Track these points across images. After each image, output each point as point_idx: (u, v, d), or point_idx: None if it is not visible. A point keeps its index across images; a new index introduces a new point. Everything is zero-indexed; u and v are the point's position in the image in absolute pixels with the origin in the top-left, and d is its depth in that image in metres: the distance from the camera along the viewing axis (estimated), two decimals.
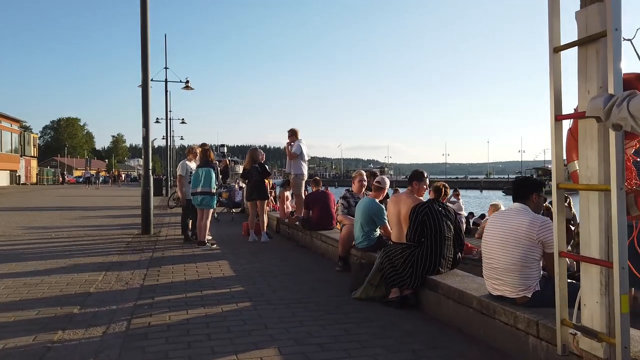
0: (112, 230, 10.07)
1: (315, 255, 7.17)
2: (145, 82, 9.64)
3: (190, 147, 8.65)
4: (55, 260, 6.41)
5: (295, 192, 9.02)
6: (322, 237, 7.24)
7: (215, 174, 7.89)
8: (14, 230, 9.87)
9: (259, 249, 7.72)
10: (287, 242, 8.67)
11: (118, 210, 15.66)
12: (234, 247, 7.95)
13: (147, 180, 9.63)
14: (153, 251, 7.39)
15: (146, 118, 9.64)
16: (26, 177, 47.23)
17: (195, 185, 7.85)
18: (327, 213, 7.70)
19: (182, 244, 8.20)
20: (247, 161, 8.61)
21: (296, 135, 9.06)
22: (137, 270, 5.85)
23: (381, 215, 5.48)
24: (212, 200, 7.85)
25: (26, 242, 8.25)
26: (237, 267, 6.11)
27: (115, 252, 7.27)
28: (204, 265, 6.27)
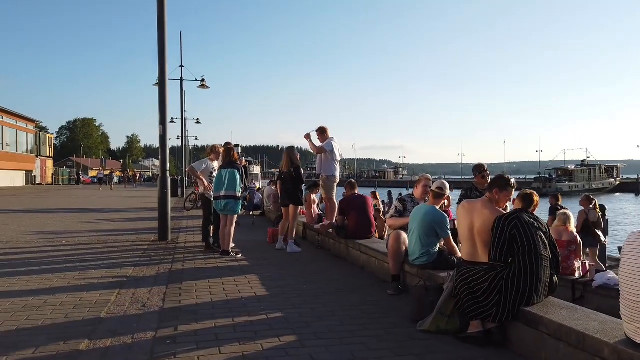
0: (127, 236, 9.35)
1: (353, 268, 6.34)
2: (163, 77, 8.90)
3: (212, 146, 7.86)
4: (63, 274, 5.66)
5: (326, 195, 8.19)
6: (361, 247, 6.40)
7: (240, 175, 7.09)
8: (22, 235, 9.21)
9: (288, 260, 6.91)
10: (317, 252, 7.85)
11: (133, 213, 15.00)
12: (260, 256, 7.15)
13: (164, 182, 8.89)
14: (172, 262, 6.62)
15: (163, 115, 8.89)
16: (42, 178, 47.16)
17: (218, 188, 7.06)
18: (365, 219, 6.86)
19: (203, 252, 7.42)
20: (284, 162, 7.79)
21: (326, 133, 8.24)
22: (155, 288, 5.07)
23: (445, 226, 4.62)
24: (236, 205, 7.06)
25: (34, 250, 7.55)
26: (269, 284, 5.30)
27: (131, 262, 6.52)
28: (231, 280, 5.47)
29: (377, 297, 4.79)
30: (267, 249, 7.90)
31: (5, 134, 37.37)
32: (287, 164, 7.75)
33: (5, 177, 36.86)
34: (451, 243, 4.66)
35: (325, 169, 8.11)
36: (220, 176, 7.07)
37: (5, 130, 37.55)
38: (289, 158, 7.77)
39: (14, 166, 38.86)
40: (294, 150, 7.96)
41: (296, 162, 7.79)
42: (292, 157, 7.78)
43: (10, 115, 38.64)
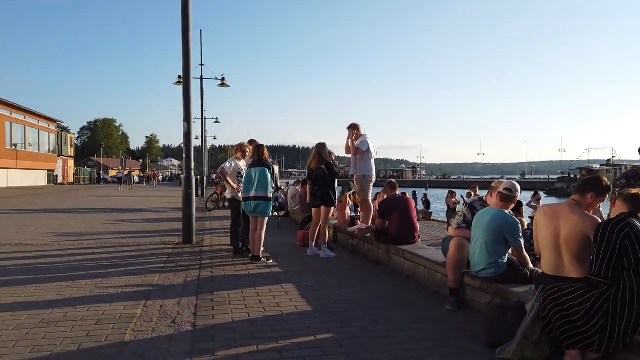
0: (150, 238, 8.93)
1: (397, 277, 5.76)
2: (187, 73, 8.44)
3: (238, 144, 7.35)
4: (84, 282, 5.22)
5: (362, 196, 7.62)
6: (405, 253, 5.82)
7: (271, 174, 6.58)
8: (43, 237, 8.86)
9: (323, 267, 6.37)
10: (352, 257, 7.29)
11: (154, 213, 14.66)
12: (292, 262, 6.63)
13: (189, 182, 8.43)
14: (200, 268, 6.14)
15: (188, 112, 8.44)
16: (63, 177, 47.58)
17: (247, 189, 6.55)
18: (409, 223, 6.28)
19: (231, 257, 6.93)
20: (312, 159, 7.24)
21: (359, 130, 7.68)
22: (184, 299, 4.58)
23: (517, 233, 4.01)
24: (267, 207, 6.54)
25: (54, 253, 7.16)
26: (309, 295, 4.76)
27: (156, 268, 6.06)
28: (266, 291, 4.94)
29: (435, 314, 4.21)
30: (298, 254, 7.37)
31: (27, 134, 37.70)
32: (316, 161, 7.21)
33: (28, 176, 37.18)
34: (523, 253, 4.05)
35: (361, 168, 7.55)
36: (250, 176, 6.56)
37: (28, 130, 37.88)
38: (318, 155, 7.23)
39: (36, 166, 39.20)
40: (325, 146, 7.40)
41: (326, 159, 7.25)
42: (321, 154, 7.24)
43: (33, 115, 38.99)
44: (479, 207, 4.90)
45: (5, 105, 33.89)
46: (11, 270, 5.79)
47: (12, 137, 34.78)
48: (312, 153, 7.35)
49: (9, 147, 34.09)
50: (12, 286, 4.95)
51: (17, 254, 6.96)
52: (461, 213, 4.93)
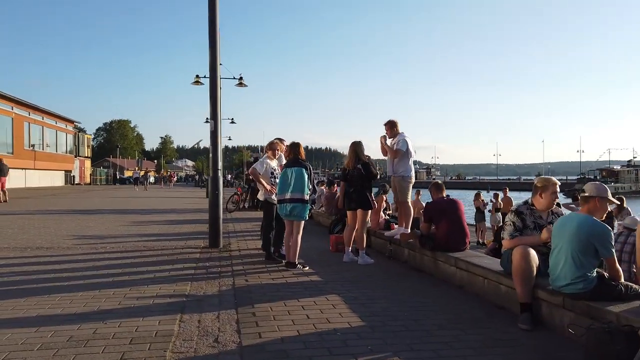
0: (174, 241, 8.53)
1: (448, 288, 5.26)
2: (214, 67, 8.03)
3: (270, 142, 6.89)
4: (112, 291, 4.81)
5: (400, 198, 7.13)
6: (458, 262, 5.31)
7: (308, 174, 6.12)
8: (63, 239, 8.52)
9: (364, 275, 5.89)
10: (391, 264, 6.80)
11: (174, 215, 14.32)
12: (329, 269, 6.16)
13: (216, 182, 8.01)
14: (233, 275, 5.70)
15: (215, 109, 8.03)
16: (80, 178, 47.82)
17: (282, 190, 6.11)
18: (459, 228, 5.78)
19: (264, 263, 6.49)
20: (349, 159, 6.75)
21: (396, 128, 7.18)
22: (223, 313, 4.13)
23: (610, 242, 3.48)
24: (304, 210, 6.08)
25: (77, 258, 6.78)
26: (360, 309, 4.28)
27: (186, 275, 5.63)
28: (311, 303, 4.48)
29: (509, 334, 3.71)
30: (333, 260, 6.90)
31: (45, 135, 37.88)
32: (352, 160, 6.72)
33: (46, 177, 37.33)
34: (616, 265, 3.53)
35: (399, 168, 7.06)
36: (285, 176, 6.11)
37: (46, 131, 38.06)
38: (354, 153, 6.74)
39: (54, 166, 39.39)
40: (361, 144, 6.90)
41: (363, 158, 6.76)
42: (358, 153, 6.75)
43: (51, 116, 39.19)
44: (526, 211, 4.41)
45: (23, 105, 34.05)
46: (33, 278, 5.42)
47: (31, 137, 34.94)
48: (348, 152, 6.87)
49: (27, 148, 34.24)
50: (35, 295, 4.56)
51: (39, 259, 6.61)
52: (510, 222, 4.41)
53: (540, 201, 4.37)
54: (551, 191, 4.31)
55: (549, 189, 4.32)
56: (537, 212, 4.36)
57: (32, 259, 6.57)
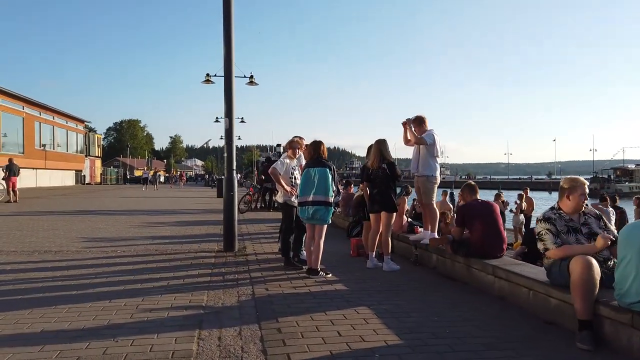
0: (187, 244, 8.19)
1: (487, 299, 4.82)
2: (229, 60, 7.66)
3: (290, 140, 6.50)
4: (123, 301, 4.45)
5: (425, 200, 6.70)
6: (497, 270, 4.88)
7: (332, 175, 5.72)
8: (72, 242, 8.21)
9: (393, 283, 5.49)
10: (417, 270, 6.38)
11: (186, 215, 13.99)
12: (353, 277, 5.76)
13: (230, 183, 7.64)
14: (251, 283, 5.32)
15: (229, 106, 7.66)
16: (91, 177, 47.90)
17: (304, 192, 5.72)
18: (495, 233, 5.34)
19: (283, 269, 6.10)
20: (373, 158, 6.34)
21: (425, 124, 6.76)
22: (245, 328, 3.75)
23: None
24: (327, 213, 5.69)
25: (86, 262, 6.45)
26: (394, 324, 3.88)
27: (202, 283, 5.27)
28: (339, 317, 4.08)
29: (567, 354, 3.29)
30: (355, 265, 6.51)
31: (56, 134, 37.89)
32: (377, 159, 6.31)
33: (56, 176, 37.35)
34: None
35: (424, 167, 6.62)
36: (308, 177, 5.72)
37: (57, 131, 38.08)
38: (379, 152, 6.32)
39: (65, 166, 39.41)
40: (386, 142, 6.48)
41: (388, 157, 6.36)
42: (383, 151, 6.34)
43: (61, 115, 39.20)
44: (556, 216, 4.02)
45: (34, 105, 34.05)
46: (40, 286, 5.08)
47: (41, 137, 34.94)
48: (372, 150, 6.45)
49: (38, 147, 34.24)
50: (41, 307, 4.22)
51: (46, 264, 6.28)
52: (544, 230, 4.02)
53: (568, 204, 4.00)
54: (580, 192, 3.94)
55: (577, 190, 3.95)
56: (567, 216, 3.99)
57: (39, 264, 6.25)
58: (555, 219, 4.05)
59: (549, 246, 3.91)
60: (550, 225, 4.02)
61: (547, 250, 3.95)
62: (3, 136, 29.84)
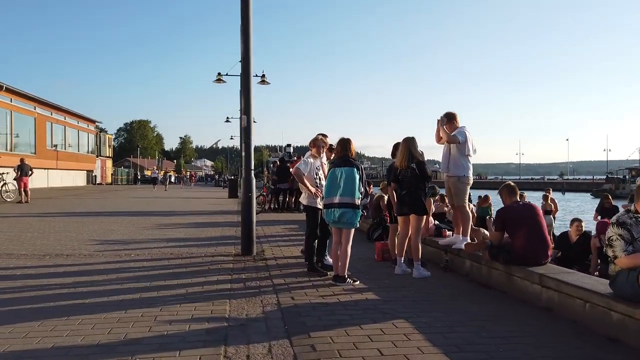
0: (203, 247, 7.86)
1: (532, 311, 4.43)
2: (247, 55, 7.32)
3: (314, 139, 6.13)
4: (140, 312, 4.12)
5: (457, 202, 6.30)
6: (545, 279, 4.47)
7: (360, 175, 5.35)
8: (85, 245, 7.92)
9: (426, 292, 5.10)
10: (449, 276, 5.99)
11: (199, 217, 13.70)
12: (382, 284, 5.39)
13: (249, 184, 7.30)
14: (275, 291, 4.97)
15: (248, 102, 7.32)
16: (102, 177, 47.97)
17: (330, 194, 5.35)
18: (539, 238, 4.94)
19: (307, 275, 5.74)
20: (401, 157, 5.96)
21: (456, 121, 6.36)
22: (275, 344, 3.40)
23: None
24: (355, 216, 5.32)
25: (99, 267, 6.15)
26: (440, 340, 3.50)
27: (222, 291, 4.92)
28: (377, 331, 3.71)
29: None
30: (382, 271, 6.14)
31: (67, 134, 37.92)
32: (405, 158, 5.92)
33: (68, 176, 37.37)
34: None
35: (455, 167, 6.24)
36: (334, 177, 5.35)
37: (68, 131, 38.10)
38: (407, 151, 5.94)
39: (76, 166, 39.44)
40: (415, 141, 6.10)
41: (418, 157, 5.98)
42: (412, 150, 5.95)
43: (72, 115, 39.23)
44: (631, 220, 3.64)
45: (46, 105, 34.07)
46: (51, 294, 4.76)
47: (53, 137, 34.96)
48: (400, 149, 6.07)
49: (50, 148, 34.26)
50: (52, 318, 3.90)
51: (57, 269, 5.98)
52: (616, 236, 3.64)
53: None
54: None
55: None
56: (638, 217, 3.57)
57: (50, 269, 5.95)
58: (632, 224, 3.64)
59: (619, 254, 3.52)
60: (624, 230, 3.63)
61: (616, 257, 3.55)
62: (15, 136, 29.86)
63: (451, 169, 6.28)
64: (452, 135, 6.09)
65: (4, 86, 27.23)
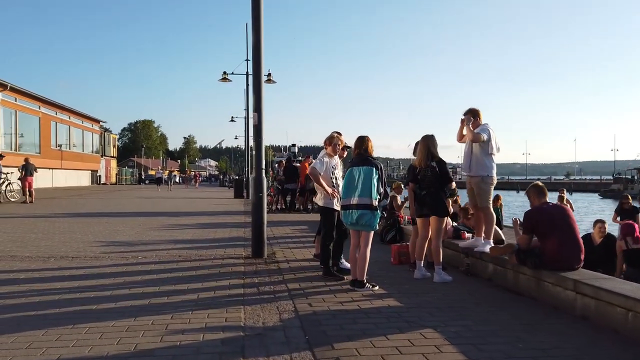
0: (211, 249, 7.62)
1: (566, 319, 4.15)
2: (258, 47, 7.06)
3: (329, 136, 5.86)
4: (150, 319, 3.88)
5: (480, 203, 6.01)
6: (580, 285, 4.20)
7: (378, 175, 5.08)
8: (90, 247, 7.69)
9: (449, 298, 4.84)
10: (471, 281, 5.72)
11: (206, 217, 13.46)
12: (402, 289, 5.12)
13: (259, 184, 7.05)
14: (291, 297, 4.71)
15: (258, 99, 7.07)
16: (106, 177, 47.86)
17: (348, 194, 5.09)
18: (572, 241, 4.67)
19: (322, 280, 5.48)
20: (421, 156, 5.70)
21: (479, 118, 6.09)
22: (296, 357, 3.14)
23: None
24: (374, 218, 5.05)
25: (105, 270, 5.91)
26: (474, 354, 3.23)
27: (235, 297, 4.67)
28: (405, 342, 3.45)
29: None
30: (401, 276, 5.87)
31: (72, 134, 37.82)
32: (425, 157, 5.67)
33: (73, 176, 37.28)
34: None
35: (478, 166, 5.96)
36: (352, 177, 5.09)
37: (72, 131, 38.00)
38: (427, 149, 5.68)
39: (81, 166, 39.34)
40: (434, 138, 5.83)
41: (437, 155, 5.72)
42: (431, 148, 5.70)
43: (77, 115, 39.13)
44: None
45: (50, 105, 33.96)
46: (56, 299, 4.53)
47: (57, 137, 34.85)
48: (419, 148, 5.81)
49: (54, 147, 34.15)
50: (58, 326, 3.66)
51: (62, 272, 5.75)
52: None
53: None
54: None
55: None
56: None
57: (55, 272, 5.72)
58: None
59: None
60: None
61: None
62: (19, 136, 29.75)
63: (474, 169, 6.01)
64: (476, 133, 5.82)
65: (9, 85, 27.11)
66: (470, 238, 6.76)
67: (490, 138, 5.89)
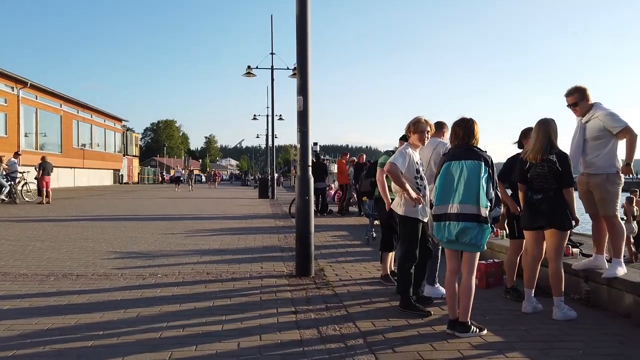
0: (246, 263, 6.27)
1: None
2: (304, 21, 5.68)
3: (416, 121, 4.23)
4: None
5: (606, 211, 4.43)
6: None
7: (489, 174, 3.61)
8: (102, 259, 6.42)
9: (589, 343, 3.38)
10: (605, 317, 4.21)
11: (232, 221, 12.14)
12: (519, 333, 3.68)
13: (305, 184, 5.64)
14: (369, 347, 3.29)
15: (304, 80, 5.67)
16: (128, 177, 47.36)
17: (442, 199, 3.64)
18: None
19: (403, 316, 4.04)
20: (538, 146, 4.12)
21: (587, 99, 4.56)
22: None
23: None
24: (482, 234, 3.56)
25: (113, 297, 4.60)
26: None
27: (290, 346, 3.28)
28: None
29: None
30: (497, 307, 4.44)
31: (94, 133, 37.25)
32: (543, 148, 4.11)
33: (95, 176, 36.71)
34: None
35: (600, 160, 4.45)
36: (450, 175, 3.64)
37: (95, 129, 37.44)
38: (546, 137, 4.09)
39: (103, 165, 38.81)
40: (554, 123, 4.25)
41: (557, 146, 4.16)
42: (552, 137, 4.13)
43: (99, 114, 38.58)
44: None
45: (72, 103, 33.38)
46: (40, 351, 3.20)
47: (79, 136, 34.26)
48: (534, 136, 4.21)
49: (76, 147, 33.55)
50: None
51: (60, 300, 4.45)
52: None
53: None
54: None
55: None
56: None
57: (50, 300, 4.42)
58: None
59: None
60: None
61: None
62: (41, 135, 29.14)
63: (595, 164, 4.48)
64: (629, 130, 4.31)
65: (29, 82, 26.46)
66: (578, 255, 5.28)
67: None
